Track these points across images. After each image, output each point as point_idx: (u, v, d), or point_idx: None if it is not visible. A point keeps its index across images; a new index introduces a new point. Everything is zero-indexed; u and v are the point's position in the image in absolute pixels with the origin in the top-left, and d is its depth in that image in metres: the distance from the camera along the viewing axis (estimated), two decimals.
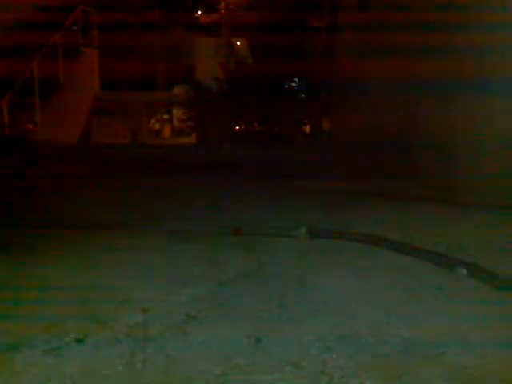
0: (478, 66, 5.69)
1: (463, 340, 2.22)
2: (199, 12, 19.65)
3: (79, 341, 2.21)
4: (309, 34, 14.35)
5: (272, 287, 2.93)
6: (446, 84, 6.36)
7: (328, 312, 2.55)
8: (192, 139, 15.16)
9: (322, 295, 2.80)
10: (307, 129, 14.62)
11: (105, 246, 3.90)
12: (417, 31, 6.97)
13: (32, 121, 10.73)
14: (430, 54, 6.73)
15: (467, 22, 5.79)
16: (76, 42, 12.38)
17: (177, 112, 18.14)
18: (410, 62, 7.18)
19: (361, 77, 9.39)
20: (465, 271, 3.10)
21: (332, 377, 1.91)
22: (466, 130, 6.00)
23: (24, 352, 2.10)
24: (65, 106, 11.59)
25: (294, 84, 13.65)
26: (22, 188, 6.55)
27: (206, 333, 2.31)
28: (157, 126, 20.93)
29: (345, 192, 6.32)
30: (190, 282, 3.01)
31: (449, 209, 5.23)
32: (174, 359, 2.04)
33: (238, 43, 16.86)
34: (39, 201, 5.93)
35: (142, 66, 14.37)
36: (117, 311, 2.55)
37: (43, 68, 10.53)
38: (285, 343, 2.19)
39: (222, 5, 18.95)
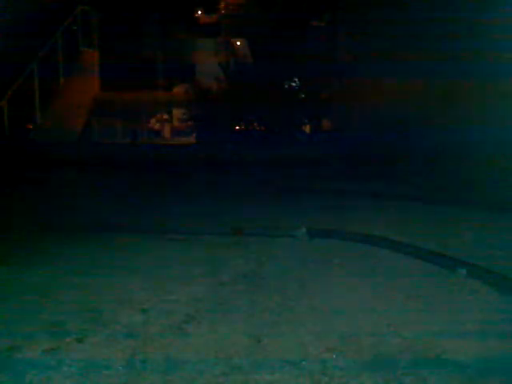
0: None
1: (463, 340, 2.22)
2: (199, 12, 19.64)
3: (79, 341, 2.21)
4: (309, 34, 14.35)
5: (272, 287, 2.93)
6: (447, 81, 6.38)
7: (328, 312, 2.55)
8: (192, 139, 15.15)
9: (322, 295, 2.80)
10: (307, 129, 14.60)
11: (104, 247, 3.90)
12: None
13: (32, 121, 10.72)
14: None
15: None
16: (76, 42, 12.36)
17: (177, 112, 18.13)
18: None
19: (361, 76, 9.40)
20: (465, 271, 3.10)
21: (332, 377, 1.91)
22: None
23: (24, 352, 2.10)
24: (65, 106, 11.58)
25: (294, 84, 13.64)
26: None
27: (205, 333, 2.31)
28: (157, 126, 20.92)
29: (344, 192, 6.30)
30: (190, 281, 3.01)
31: (449, 209, 5.23)
32: (174, 359, 2.04)
33: (238, 43, 16.86)
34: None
35: (141, 66, 14.35)
36: (117, 311, 2.55)
37: (43, 68, 10.52)
38: (285, 343, 2.19)
39: (222, 5, 18.94)
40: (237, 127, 13.68)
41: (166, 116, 20.19)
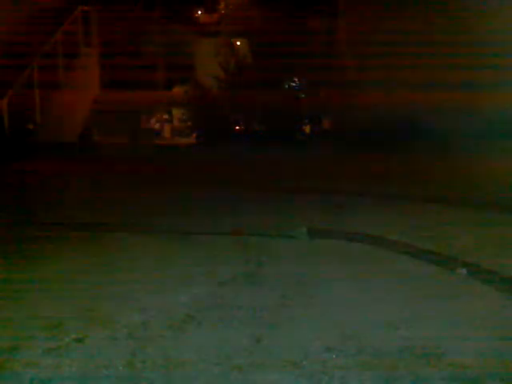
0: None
1: (463, 340, 2.22)
2: (199, 12, 19.64)
3: (79, 341, 2.21)
4: (309, 33, 14.35)
5: (272, 287, 2.93)
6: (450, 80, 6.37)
7: (328, 312, 2.55)
8: (192, 139, 15.16)
9: (321, 295, 2.80)
10: (307, 128, 14.60)
11: (103, 246, 3.90)
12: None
13: (32, 121, 10.70)
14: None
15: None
16: (76, 42, 12.34)
17: (177, 112, 18.14)
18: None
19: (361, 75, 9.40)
20: (465, 271, 3.10)
21: (332, 377, 1.91)
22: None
23: (24, 352, 2.10)
24: (65, 106, 11.56)
25: (294, 84, 13.64)
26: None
27: (205, 333, 2.31)
28: (157, 126, 20.91)
29: (343, 193, 6.29)
30: (190, 281, 3.01)
31: (449, 209, 5.22)
32: (173, 359, 2.04)
33: (238, 43, 16.87)
34: None
35: (142, 66, 14.34)
36: (117, 311, 2.54)
37: (43, 68, 10.51)
38: (285, 343, 2.19)
39: (222, 5, 18.94)
40: (237, 127, 13.68)
41: (166, 116, 20.18)
